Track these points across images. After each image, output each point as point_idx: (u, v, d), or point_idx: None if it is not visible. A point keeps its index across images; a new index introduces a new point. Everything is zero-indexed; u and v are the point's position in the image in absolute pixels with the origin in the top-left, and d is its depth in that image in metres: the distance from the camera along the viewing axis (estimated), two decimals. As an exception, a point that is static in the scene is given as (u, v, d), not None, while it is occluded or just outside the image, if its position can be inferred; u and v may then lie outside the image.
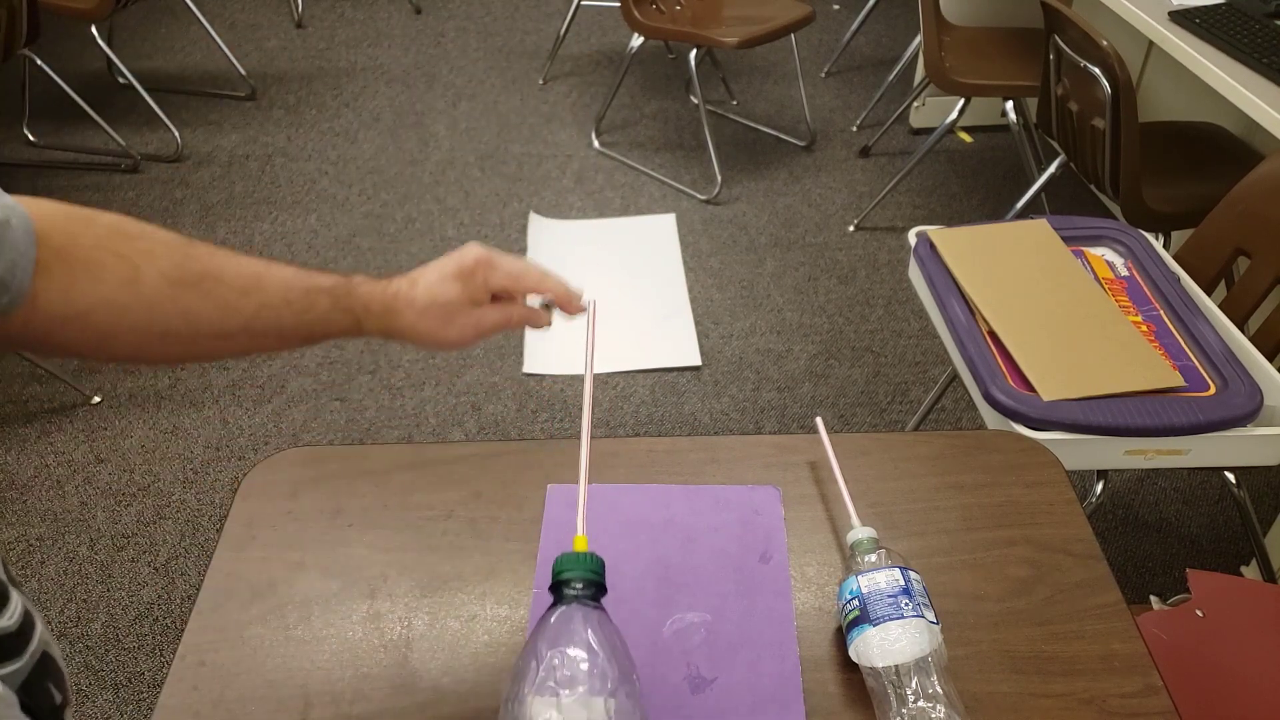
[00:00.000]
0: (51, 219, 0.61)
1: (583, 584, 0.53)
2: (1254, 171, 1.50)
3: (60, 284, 0.59)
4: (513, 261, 0.78)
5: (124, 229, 0.64)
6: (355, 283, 0.72)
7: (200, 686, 0.74)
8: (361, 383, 2.28)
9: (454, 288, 0.74)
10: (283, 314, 0.67)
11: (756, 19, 2.81)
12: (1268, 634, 1.14)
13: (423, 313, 0.73)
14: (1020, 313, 1.38)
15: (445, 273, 0.75)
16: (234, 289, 0.65)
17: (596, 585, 0.53)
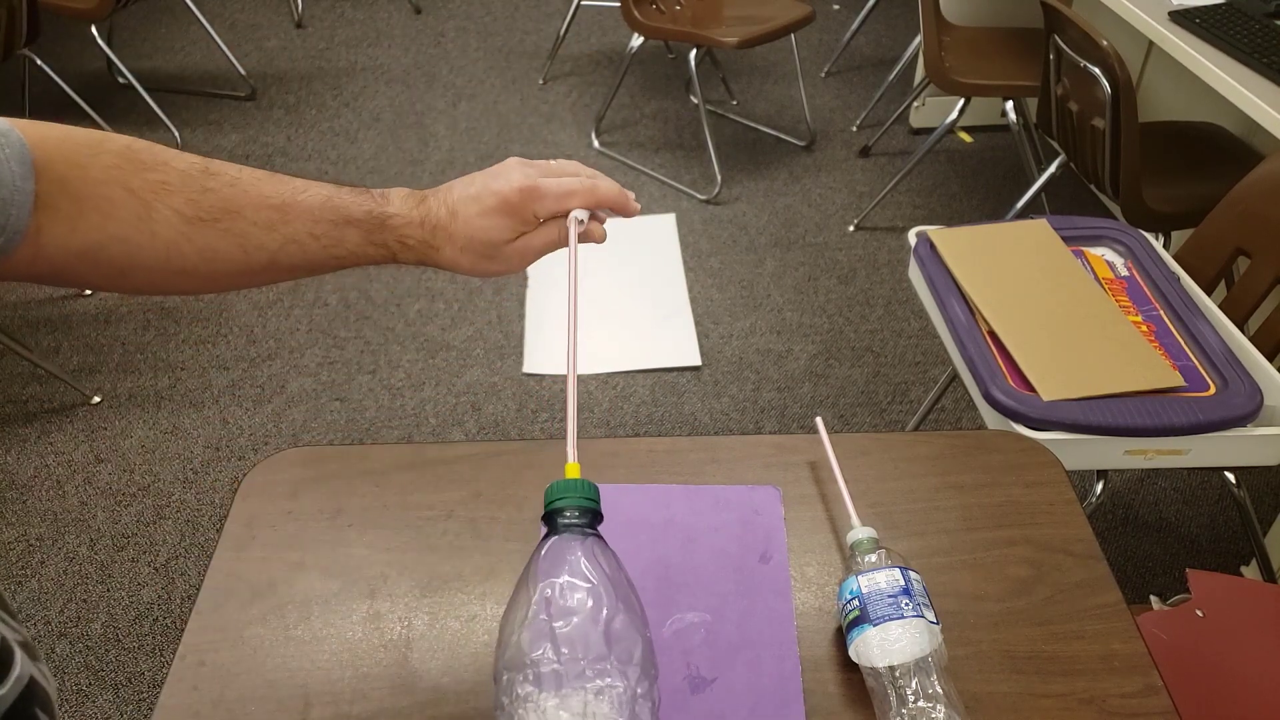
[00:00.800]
0: (54, 147, 0.55)
1: (577, 512, 0.50)
2: (1254, 171, 1.50)
3: (66, 220, 0.55)
4: (558, 183, 0.71)
5: (136, 156, 0.59)
6: (389, 214, 0.66)
7: (200, 686, 0.74)
8: (361, 383, 2.28)
9: (498, 224, 0.68)
10: (309, 248, 0.63)
11: (756, 19, 2.81)
12: (1268, 634, 1.14)
13: (464, 249, 0.68)
14: (1020, 313, 1.38)
15: (486, 206, 0.68)
16: (257, 224, 0.61)
17: (592, 513, 0.50)
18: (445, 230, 0.67)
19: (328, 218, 0.63)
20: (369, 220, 0.65)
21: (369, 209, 0.65)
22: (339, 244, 0.64)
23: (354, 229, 0.65)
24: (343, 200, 0.64)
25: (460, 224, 0.67)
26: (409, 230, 0.66)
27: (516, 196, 0.68)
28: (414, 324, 2.45)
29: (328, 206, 0.63)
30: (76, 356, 2.34)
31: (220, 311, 2.48)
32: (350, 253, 0.65)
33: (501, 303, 2.52)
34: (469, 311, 2.48)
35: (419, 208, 0.67)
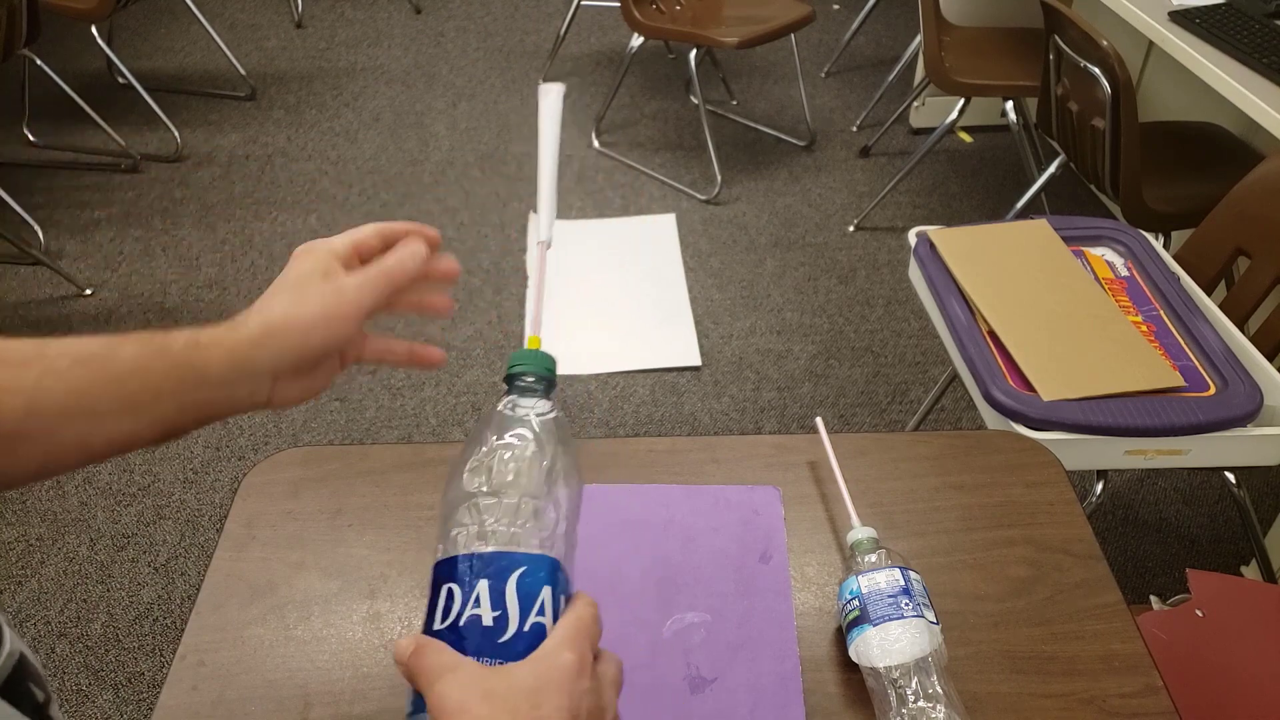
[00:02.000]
0: None
1: (534, 377, 0.55)
2: (1254, 171, 1.50)
3: None
4: (357, 291, 0.60)
5: None
6: (178, 330, 0.55)
7: (200, 686, 0.74)
8: (361, 383, 2.28)
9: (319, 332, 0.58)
10: (74, 376, 0.51)
11: (756, 19, 2.81)
12: (1268, 634, 1.14)
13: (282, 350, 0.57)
14: (1020, 313, 1.38)
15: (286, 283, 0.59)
16: (6, 363, 0.50)
17: (548, 381, 0.56)
18: (265, 346, 0.56)
19: (96, 341, 0.53)
20: (149, 339, 0.54)
21: (150, 331, 0.55)
22: (111, 360, 0.52)
23: (135, 345, 0.53)
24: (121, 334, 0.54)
25: (285, 336, 0.57)
26: (216, 351, 0.54)
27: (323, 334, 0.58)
28: (414, 324, 2.45)
29: (101, 335, 0.54)
30: None
31: (220, 312, 2.48)
32: (131, 372, 0.52)
33: (501, 303, 2.52)
34: (469, 311, 2.48)
35: None
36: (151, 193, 2.92)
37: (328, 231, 2.66)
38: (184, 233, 2.75)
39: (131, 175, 2.99)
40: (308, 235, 2.89)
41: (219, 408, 0.55)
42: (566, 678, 0.47)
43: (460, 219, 2.81)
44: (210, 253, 2.68)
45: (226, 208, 2.86)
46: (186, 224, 2.79)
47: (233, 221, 2.80)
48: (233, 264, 2.64)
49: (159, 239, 2.73)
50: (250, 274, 2.60)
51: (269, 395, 0.57)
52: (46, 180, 2.95)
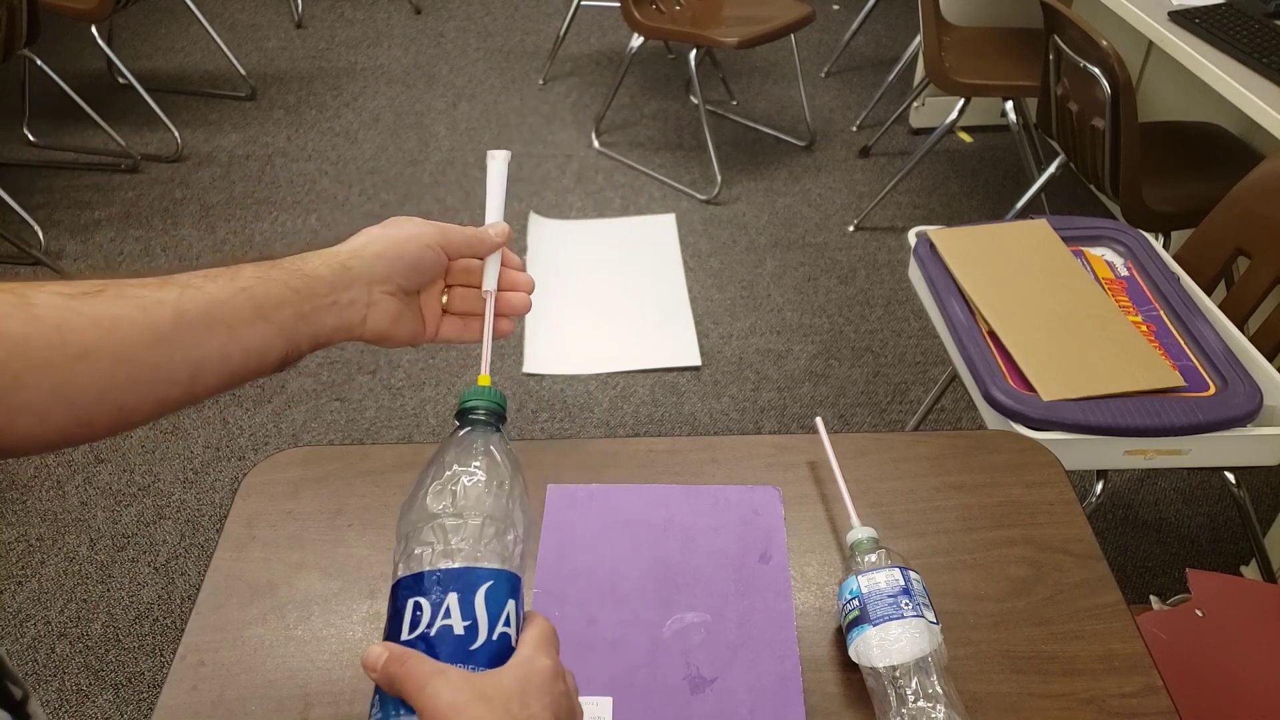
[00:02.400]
0: None
1: (485, 411, 0.59)
2: (1254, 171, 1.50)
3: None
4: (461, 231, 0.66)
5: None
6: (286, 255, 0.60)
7: (200, 686, 0.74)
8: (361, 383, 2.28)
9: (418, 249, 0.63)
10: (209, 291, 0.55)
11: (756, 19, 2.81)
12: (1268, 634, 1.14)
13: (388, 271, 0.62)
14: (1020, 313, 1.38)
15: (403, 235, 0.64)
16: (146, 285, 0.54)
17: (498, 414, 0.60)
18: (361, 255, 0.61)
19: (216, 268, 0.57)
20: (260, 262, 0.58)
21: (257, 258, 0.59)
22: (237, 276, 0.56)
23: (248, 267, 0.58)
24: None
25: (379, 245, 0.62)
26: (318, 261, 0.60)
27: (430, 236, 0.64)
28: (414, 324, 2.45)
29: (220, 264, 0.57)
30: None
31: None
32: (254, 281, 0.56)
33: (501, 303, 2.51)
34: (469, 311, 2.48)
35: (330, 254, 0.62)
36: (151, 193, 2.92)
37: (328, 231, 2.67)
38: (184, 233, 2.75)
39: (131, 175, 2.99)
40: (308, 235, 2.91)
41: (326, 320, 0.59)
42: (547, 681, 0.51)
43: (460, 219, 2.79)
44: (210, 253, 2.68)
45: (226, 208, 2.86)
46: (186, 224, 2.79)
47: (233, 221, 2.80)
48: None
49: (159, 239, 2.73)
50: (250, 274, 2.60)
51: (366, 309, 0.61)
52: (46, 180, 2.96)
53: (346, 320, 0.60)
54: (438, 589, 0.53)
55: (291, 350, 0.58)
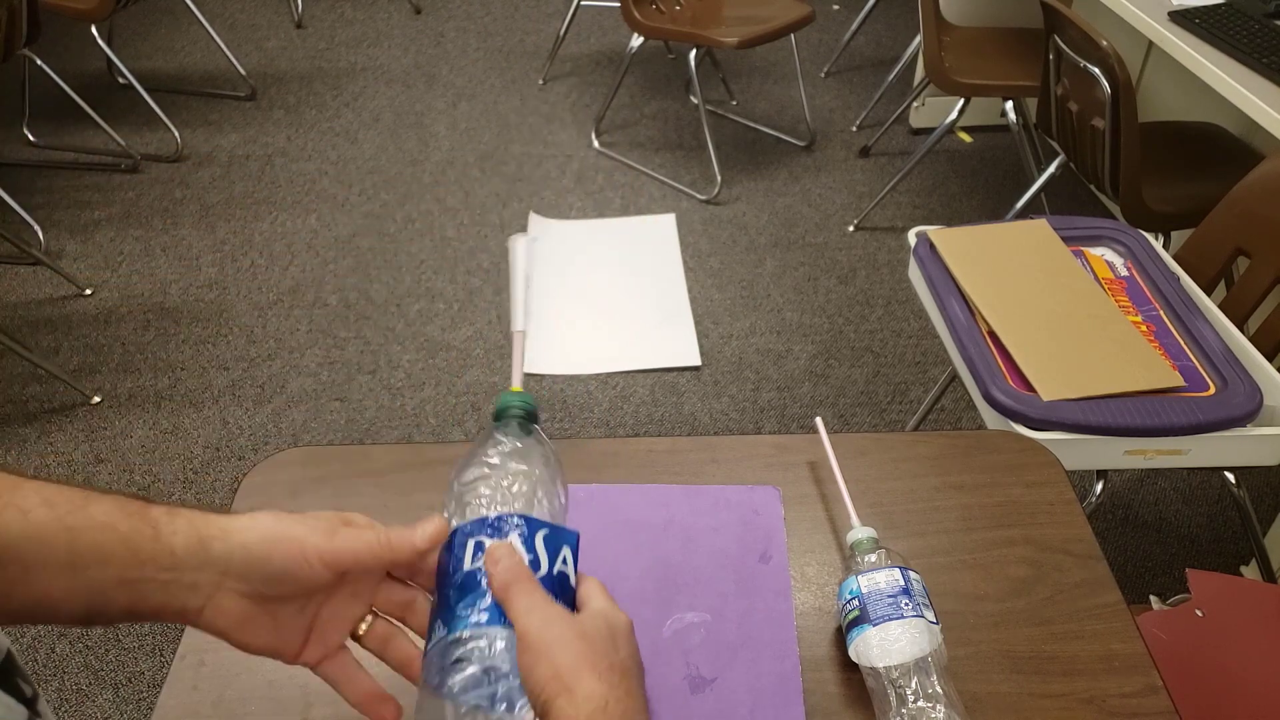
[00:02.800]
0: None
1: (522, 412, 0.64)
2: (1254, 171, 1.50)
3: None
4: (355, 536, 0.56)
5: None
6: (154, 501, 0.52)
7: (200, 686, 0.74)
8: (361, 383, 2.28)
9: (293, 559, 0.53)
10: (36, 517, 0.48)
11: (756, 19, 2.81)
12: (1268, 634, 1.14)
13: (244, 571, 0.52)
14: (1020, 313, 1.38)
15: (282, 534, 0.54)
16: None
17: (532, 415, 0.65)
18: (228, 538, 0.52)
19: (75, 489, 0.50)
20: (129, 499, 0.51)
21: (134, 495, 0.52)
22: (80, 510, 0.49)
23: (105, 501, 0.50)
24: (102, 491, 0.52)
25: (251, 535, 0.53)
26: (182, 525, 0.52)
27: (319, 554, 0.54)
28: (414, 324, 2.45)
29: (79, 488, 0.51)
30: (76, 356, 2.34)
31: (220, 311, 2.48)
32: (92, 526, 0.49)
33: (502, 303, 2.52)
34: (469, 311, 2.48)
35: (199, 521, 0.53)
36: (151, 193, 2.92)
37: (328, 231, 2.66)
38: (184, 233, 2.75)
39: (131, 175, 2.99)
40: (308, 235, 2.91)
41: (153, 596, 0.51)
42: (627, 631, 0.56)
43: (460, 219, 2.81)
44: (210, 253, 2.68)
45: (226, 208, 2.86)
46: (186, 224, 2.79)
47: (233, 221, 2.80)
48: (233, 264, 2.64)
49: (159, 239, 2.73)
50: (250, 274, 2.60)
51: (205, 600, 0.52)
52: (46, 180, 2.96)
53: (180, 604, 0.52)
54: (498, 531, 0.56)
55: (95, 613, 0.50)
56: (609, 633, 0.54)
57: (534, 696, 0.51)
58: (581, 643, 0.51)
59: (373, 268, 2.62)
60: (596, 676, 0.50)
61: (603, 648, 0.52)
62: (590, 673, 0.50)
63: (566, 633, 0.52)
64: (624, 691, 0.51)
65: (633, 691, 0.52)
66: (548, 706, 0.49)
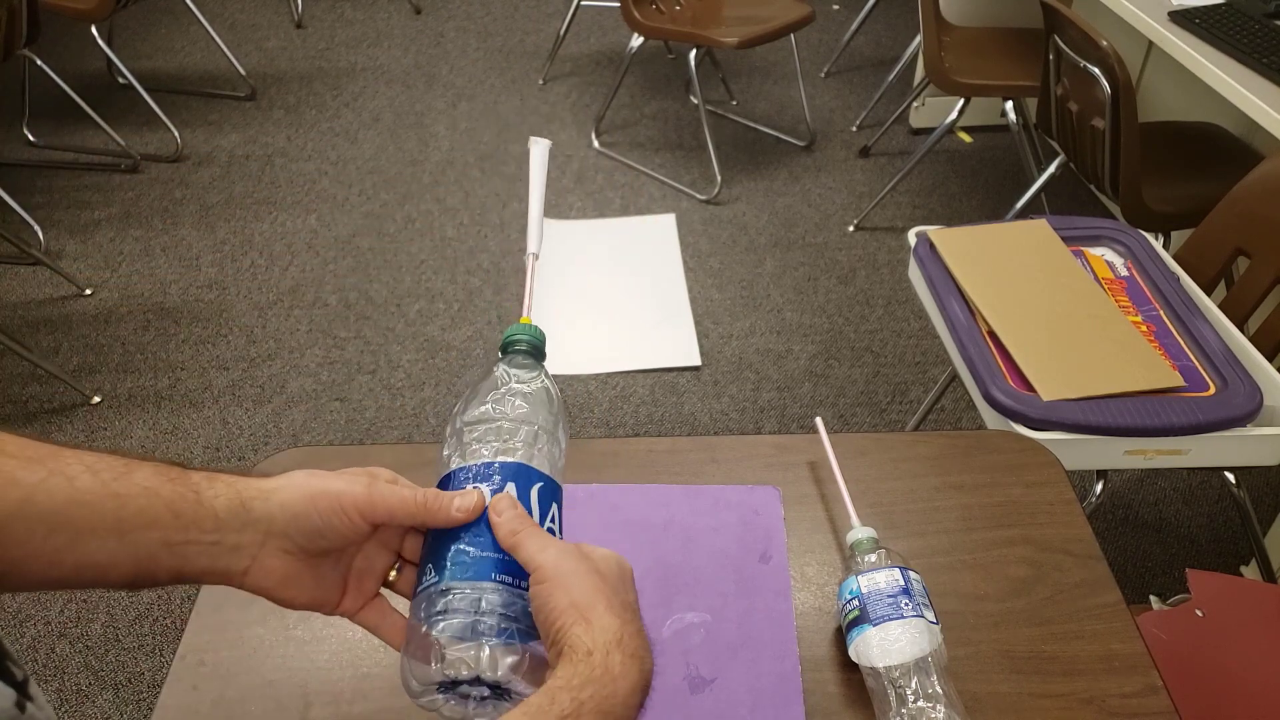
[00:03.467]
0: None
1: (527, 345, 0.63)
2: (1254, 171, 1.50)
3: None
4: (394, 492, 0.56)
5: None
6: (194, 467, 0.54)
7: (200, 686, 0.74)
8: (361, 383, 2.28)
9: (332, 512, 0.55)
10: (82, 483, 0.49)
11: (756, 19, 2.81)
12: (1268, 634, 1.14)
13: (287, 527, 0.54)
14: (1020, 313, 1.38)
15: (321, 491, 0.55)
16: (15, 456, 0.49)
17: (538, 349, 0.63)
18: (267, 498, 0.54)
19: (114, 456, 0.51)
20: (168, 466, 0.53)
21: (170, 462, 0.54)
22: (124, 477, 0.50)
23: (146, 468, 0.52)
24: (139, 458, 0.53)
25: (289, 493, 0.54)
26: (223, 488, 0.53)
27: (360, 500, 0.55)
28: (414, 324, 2.45)
29: (116, 455, 0.52)
30: (76, 356, 2.34)
31: (220, 311, 2.48)
32: (136, 490, 0.51)
33: (502, 303, 2.51)
34: (469, 311, 2.48)
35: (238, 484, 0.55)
36: (151, 193, 2.92)
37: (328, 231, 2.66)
38: (184, 233, 2.75)
39: (131, 175, 2.99)
40: (308, 235, 2.91)
41: (198, 559, 0.52)
42: (630, 576, 0.56)
43: (460, 219, 2.81)
44: (210, 253, 2.68)
45: (226, 208, 2.86)
46: (186, 224, 2.79)
47: (233, 221, 2.80)
48: (233, 264, 2.64)
49: (159, 239, 2.73)
50: (250, 274, 2.60)
51: (250, 561, 0.53)
52: (46, 180, 2.96)
53: (224, 566, 0.53)
54: (498, 477, 0.56)
55: (142, 576, 0.51)
56: (619, 572, 0.55)
57: (548, 625, 0.51)
58: (596, 577, 0.52)
59: (373, 268, 2.62)
60: (611, 611, 0.51)
61: (616, 584, 0.53)
62: (605, 606, 0.51)
63: (581, 567, 0.52)
64: (635, 629, 0.51)
65: (642, 631, 0.52)
66: (562, 634, 0.50)
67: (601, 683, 0.48)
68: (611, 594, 0.52)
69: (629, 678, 0.49)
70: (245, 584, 0.54)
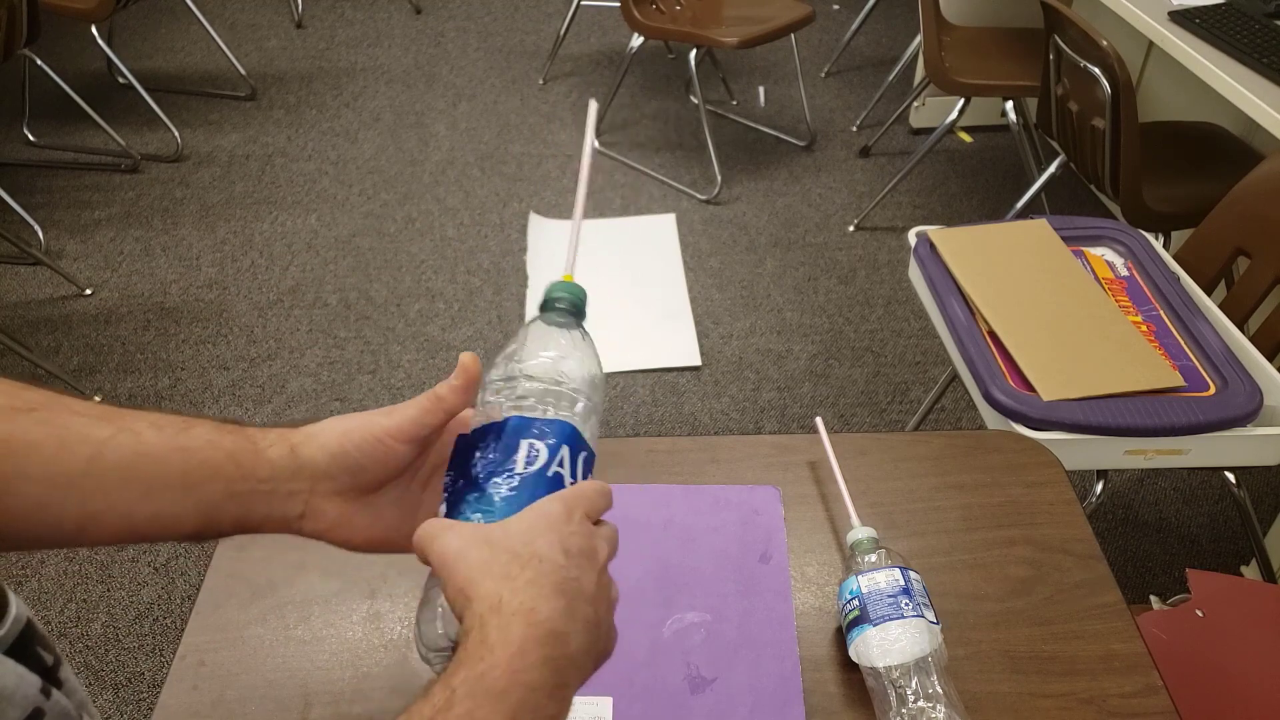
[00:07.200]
0: None
1: (567, 304, 0.61)
2: (1254, 171, 1.50)
3: None
4: None
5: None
6: (248, 422, 0.56)
7: (200, 686, 0.74)
8: (361, 383, 2.28)
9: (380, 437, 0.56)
10: (148, 439, 0.51)
11: (756, 19, 2.81)
12: (1268, 634, 1.14)
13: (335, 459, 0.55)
14: (1020, 313, 1.38)
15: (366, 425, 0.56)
16: (83, 414, 0.51)
17: (579, 307, 0.61)
18: (309, 442, 0.55)
19: (174, 416, 0.53)
20: (224, 421, 0.55)
21: (225, 419, 0.56)
22: (185, 432, 0.52)
23: (205, 423, 0.54)
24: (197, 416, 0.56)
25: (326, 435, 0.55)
26: (275, 439, 0.55)
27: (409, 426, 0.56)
28: (414, 324, 2.45)
29: (177, 414, 0.54)
30: (76, 356, 2.34)
31: (220, 312, 2.48)
32: (200, 443, 0.53)
33: (502, 303, 2.52)
34: (469, 311, 2.48)
35: None
36: (151, 193, 2.92)
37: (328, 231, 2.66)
38: (184, 233, 2.75)
39: (131, 175, 2.99)
40: (308, 235, 2.91)
41: (258, 507, 0.54)
42: (555, 520, 0.49)
43: (460, 219, 2.81)
44: (210, 253, 2.68)
45: (226, 208, 2.86)
46: (186, 224, 2.79)
47: (233, 221, 2.80)
48: (233, 264, 2.64)
49: (159, 239, 2.73)
50: (250, 274, 2.60)
51: (304, 506, 0.55)
52: (46, 180, 2.96)
53: (282, 513, 0.54)
54: (555, 439, 0.54)
55: (208, 527, 0.53)
56: (525, 529, 0.49)
57: (453, 617, 0.48)
58: (484, 548, 0.48)
59: (373, 268, 2.62)
60: (492, 575, 0.46)
61: (511, 544, 0.48)
62: (486, 576, 0.47)
63: (468, 544, 0.48)
64: (525, 581, 0.46)
65: (539, 579, 0.46)
66: (460, 621, 0.47)
67: (472, 661, 0.44)
68: (497, 557, 0.47)
69: (509, 642, 0.44)
70: (303, 529, 0.56)
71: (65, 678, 0.52)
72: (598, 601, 0.49)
